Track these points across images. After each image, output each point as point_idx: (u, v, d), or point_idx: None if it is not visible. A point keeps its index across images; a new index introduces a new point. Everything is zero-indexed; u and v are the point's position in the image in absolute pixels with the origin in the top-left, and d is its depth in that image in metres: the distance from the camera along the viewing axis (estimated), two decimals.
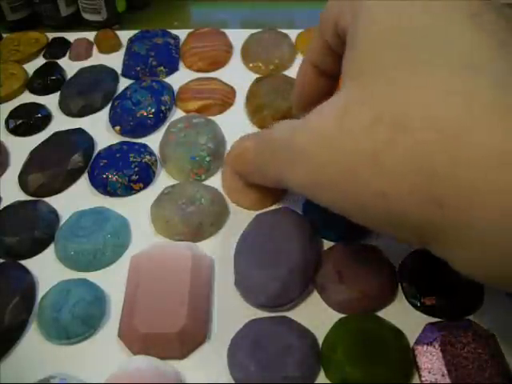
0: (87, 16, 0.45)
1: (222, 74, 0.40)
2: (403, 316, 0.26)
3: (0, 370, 0.25)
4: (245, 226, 0.29)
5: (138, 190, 0.32)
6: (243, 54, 0.42)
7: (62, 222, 0.31)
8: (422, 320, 0.26)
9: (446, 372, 0.23)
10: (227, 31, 0.43)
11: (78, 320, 0.26)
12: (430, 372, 0.24)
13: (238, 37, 0.43)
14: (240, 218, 0.30)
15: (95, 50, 0.43)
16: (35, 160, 0.34)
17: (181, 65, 0.41)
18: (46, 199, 0.32)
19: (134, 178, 0.32)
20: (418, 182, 0.17)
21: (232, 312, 0.27)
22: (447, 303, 0.26)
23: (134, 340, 0.25)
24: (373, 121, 0.19)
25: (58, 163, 0.33)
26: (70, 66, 0.42)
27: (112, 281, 0.28)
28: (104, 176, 0.32)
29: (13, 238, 0.29)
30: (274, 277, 0.26)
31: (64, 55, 0.43)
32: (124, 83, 0.40)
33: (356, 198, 0.20)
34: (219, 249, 0.29)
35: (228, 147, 0.35)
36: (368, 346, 0.24)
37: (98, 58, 0.43)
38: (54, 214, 0.31)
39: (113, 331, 0.26)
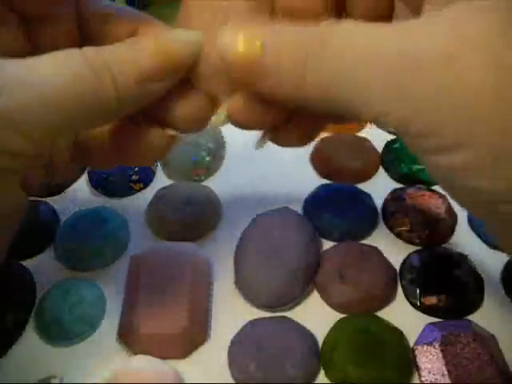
0: None
1: None
2: (403, 316, 0.26)
3: (0, 369, 0.25)
4: (242, 225, 0.29)
5: (138, 190, 0.32)
6: None
7: (62, 222, 0.31)
8: (422, 320, 0.26)
9: (445, 372, 0.23)
10: None
11: (78, 320, 0.26)
12: (430, 372, 0.24)
13: None
14: (237, 217, 0.30)
15: None
16: None
17: None
18: (46, 199, 0.32)
19: (134, 177, 0.32)
20: None
21: (232, 312, 0.27)
22: (447, 303, 0.26)
23: (134, 340, 0.25)
24: None
25: None
26: None
27: (112, 281, 0.28)
28: (104, 176, 0.32)
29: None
30: (275, 277, 0.26)
31: None
32: None
33: None
34: (219, 249, 0.29)
35: (228, 147, 0.35)
36: (368, 345, 0.24)
37: None
38: (54, 214, 0.31)
39: (113, 331, 0.26)
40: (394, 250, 0.28)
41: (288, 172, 0.32)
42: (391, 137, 0.35)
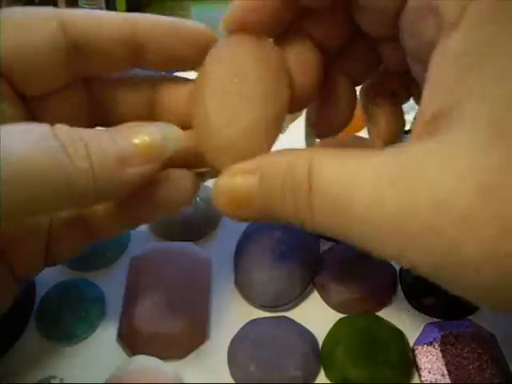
0: None
1: None
2: (403, 316, 0.26)
3: (0, 369, 0.25)
4: (242, 225, 0.29)
5: None
6: None
7: None
8: (422, 320, 0.26)
9: (445, 372, 0.23)
10: None
11: (78, 320, 0.26)
12: (429, 372, 0.24)
13: None
14: None
15: None
16: None
17: None
18: None
19: None
20: None
21: (232, 312, 0.27)
22: (447, 303, 0.26)
23: (134, 340, 0.25)
24: None
25: None
26: None
27: (112, 281, 0.28)
28: None
29: None
30: (275, 277, 0.26)
31: None
32: None
33: None
34: (219, 248, 0.29)
35: None
36: (368, 346, 0.24)
37: None
38: None
39: (113, 331, 0.26)
40: None
41: None
42: None
